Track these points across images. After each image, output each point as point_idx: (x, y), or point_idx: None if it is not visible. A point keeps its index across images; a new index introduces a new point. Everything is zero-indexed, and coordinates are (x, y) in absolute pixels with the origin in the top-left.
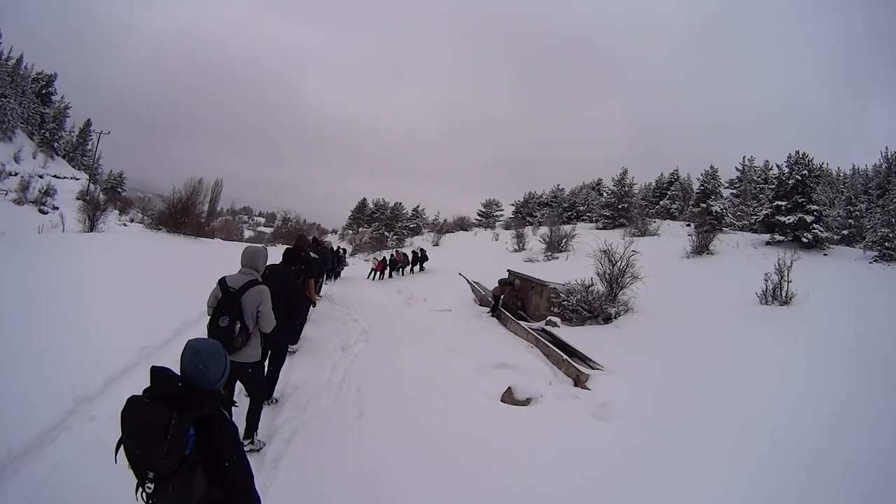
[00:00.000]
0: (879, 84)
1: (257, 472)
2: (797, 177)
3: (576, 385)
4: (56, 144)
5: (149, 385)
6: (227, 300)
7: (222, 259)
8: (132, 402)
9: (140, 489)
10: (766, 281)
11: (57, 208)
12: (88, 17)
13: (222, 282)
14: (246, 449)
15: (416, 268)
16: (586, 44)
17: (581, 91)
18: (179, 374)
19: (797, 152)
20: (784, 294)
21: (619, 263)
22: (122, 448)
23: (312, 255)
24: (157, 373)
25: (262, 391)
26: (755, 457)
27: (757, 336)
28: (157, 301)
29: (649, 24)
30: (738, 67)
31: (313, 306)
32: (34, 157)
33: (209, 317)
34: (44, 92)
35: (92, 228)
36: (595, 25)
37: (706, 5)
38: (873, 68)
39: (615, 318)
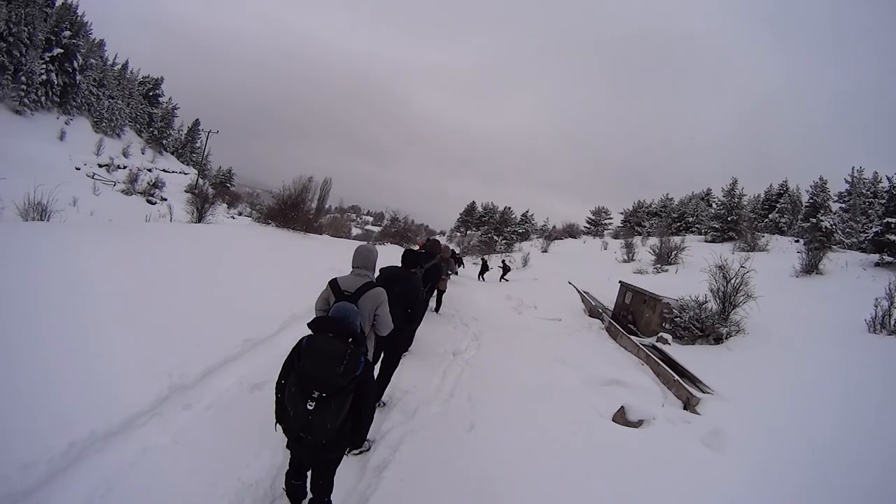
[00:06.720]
0: None
1: (359, 478)
2: None
3: (685, 408)
4: (164, 142)
5: (319, 328)
6: None
7: (331, 255)
8: (315, 337)
9: (298, 407)
10: (876, 307)
11: (165, 199)
12: (194, 32)
13: (334, 284)
14: (356, 452)
15: (501, 278)
16: (684, 39)
17: (683, 94)
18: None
19: None
20: (894, 323)
21: (733, 280)
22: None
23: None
24: (326, 318)
25: (373, 394)
26: None
27: (866, 368)
28: (264, 293)
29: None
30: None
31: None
32: (143, 153)
33: None
34: (151, 94)
35: (200, 219)
36: (691, 18)
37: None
38: None
39: (726, 338)
